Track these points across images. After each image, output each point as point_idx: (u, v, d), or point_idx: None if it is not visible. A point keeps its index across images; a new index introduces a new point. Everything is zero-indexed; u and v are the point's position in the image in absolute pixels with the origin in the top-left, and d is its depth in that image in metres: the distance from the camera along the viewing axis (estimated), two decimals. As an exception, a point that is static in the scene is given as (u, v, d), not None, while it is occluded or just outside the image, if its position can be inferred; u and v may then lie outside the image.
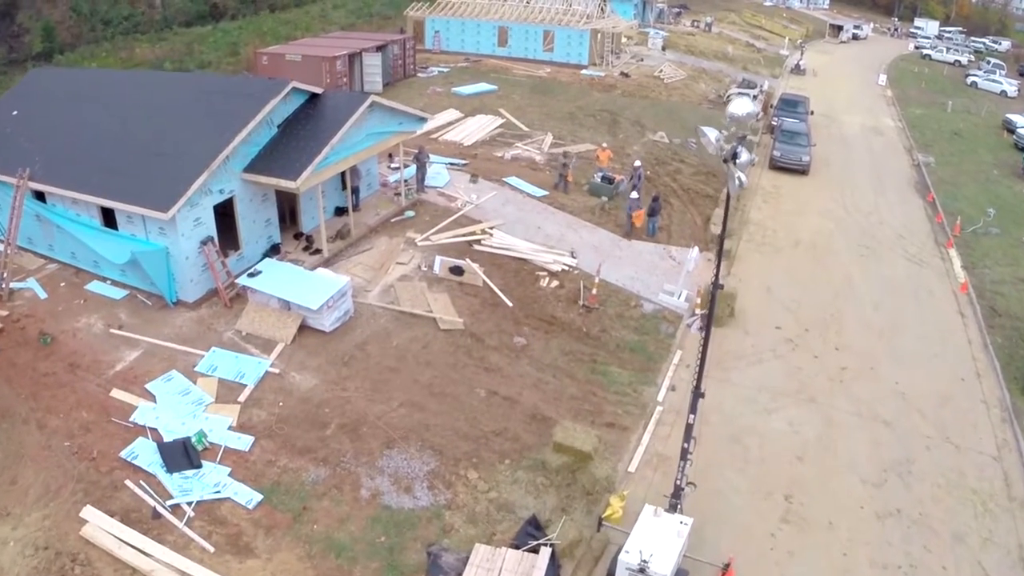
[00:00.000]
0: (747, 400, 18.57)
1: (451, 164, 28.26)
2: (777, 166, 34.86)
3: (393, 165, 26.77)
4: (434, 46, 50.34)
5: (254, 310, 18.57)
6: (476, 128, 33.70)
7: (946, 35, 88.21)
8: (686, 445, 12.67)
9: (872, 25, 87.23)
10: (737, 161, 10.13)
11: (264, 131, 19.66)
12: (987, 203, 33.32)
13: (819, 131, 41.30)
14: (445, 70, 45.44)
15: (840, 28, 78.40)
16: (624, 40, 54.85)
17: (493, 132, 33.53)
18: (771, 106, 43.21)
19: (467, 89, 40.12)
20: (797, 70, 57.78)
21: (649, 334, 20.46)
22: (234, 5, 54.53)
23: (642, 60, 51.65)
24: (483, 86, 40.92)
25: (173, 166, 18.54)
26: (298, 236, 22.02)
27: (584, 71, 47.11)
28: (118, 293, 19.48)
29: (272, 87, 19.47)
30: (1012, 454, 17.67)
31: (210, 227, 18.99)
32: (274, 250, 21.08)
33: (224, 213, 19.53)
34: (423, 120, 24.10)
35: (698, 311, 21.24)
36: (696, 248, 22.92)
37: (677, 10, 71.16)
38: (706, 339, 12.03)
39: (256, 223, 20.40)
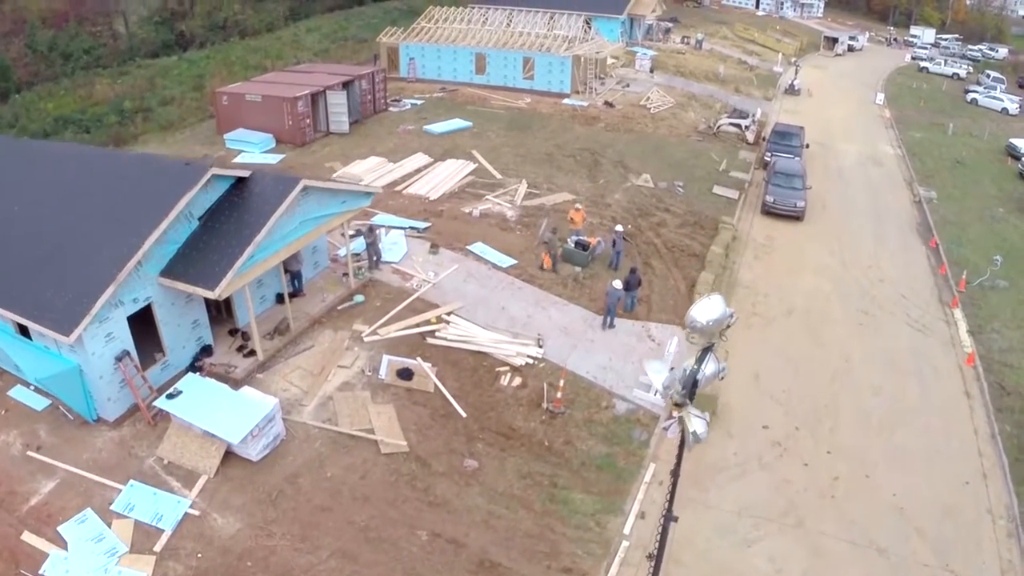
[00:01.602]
0: (725, 529, 16.45)
1: (411, 228, 26.07)
2: (770, 212, 32.65)
3: (350, 232, 24.60)
4: (409, 74, 48.09)
5: (176, 434, 16.58)
6: (445, 177, 31.53)
7: (942, 43, 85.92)
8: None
9: (868, 34, 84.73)
10: (700, 378, 7.84)
11: (183, 226, 17.52)
12: (993, 247, 31.16)
13: (815, 163, 39.15)
14: (419, 102, 43.23)
15: (835, 40, 75.86)
16: (611, 61, 52.54)
17: (463, 181, 31.36)
18: (763, 139, 40.99)
19: (439, 127, 37.95)
20: (791, 90, 55.39)
21: (620, 443, 18.32)
22: (202, 33, 52.45)
23: (628, 85, 49.31)
24: (457, 122, 38.75)
25: (79, 273, 16.49)
26: (233, 332, 19.89)
27: (566, 100, 44.86)
28: (40, 403, 17.87)
29: (189, 175, 17.28)
30: (1017, 582, 15.69)
31: (125, 340, 16.93)
32: (205, 352, 18.98)
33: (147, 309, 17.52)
34: (370, 195, 21.89)
35: (675, 413, 19.06)
36: (676, 338, 20.76)
37: (667, 26, 68.70)
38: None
39: (181, 327, 18.29)
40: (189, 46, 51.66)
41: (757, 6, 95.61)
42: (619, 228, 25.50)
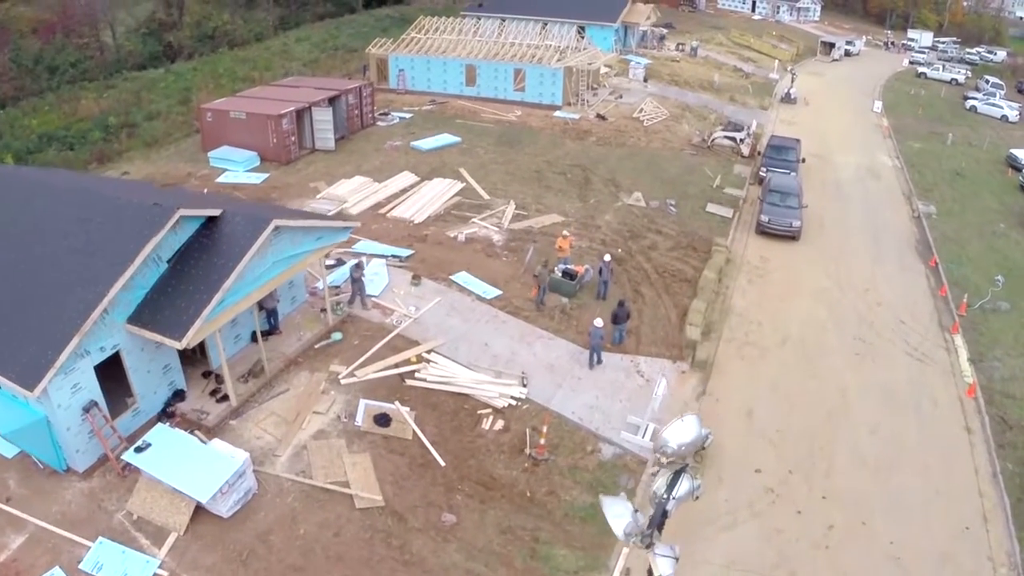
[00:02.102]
0: (715, 586, 15.82)
1: (393, 257, 25.36)
2: (765, 231, 31.92)
3: (329, 262, 23.97)
4: (398, 86, 47.36)
5: (145, 488, 15.96)
6: (431, 198, 30.84)
7: (940, 46, 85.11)
8: None
9: (865, 38, 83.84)
10: (671, 508, 7.17)
11: (151, 270, 16.84)
12: (994, 266, 30.53)
13: (811, 177, 38.43)
14: (407, 116, 42.51)
15: (832, 45, 75.05)
16: (604, 71, 51.78)
17: (449, 203, 30.66)
18: (758, 152, 40.27)
19: (427, 143, 37.23)
20: (788, 99, 54.62)
21: (606, 492, 17.52)
22: (190, 44, 51.71)
23: (621, 96, 48.51)
24: (445, 138, 38.05)
25: (43, 321, 15.77)
26: (207, 374, 19.21)
27: (557, 112, 44.13)
28: (10, 450, 17.24)
29: (157, 217, 16.60)
30: (1021, 638, 15.07)
31: (92, 390, 16.24)
32: (177, 396, 18.32)
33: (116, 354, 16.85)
34: (348, 229, 21.19)
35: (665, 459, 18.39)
36: (664, 380, 20.07)
37: (661, 33, 67.90)
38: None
39: (152, 373, 17.61)
40: (177, 57, 50.94)
41: (753, 10, 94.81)
42: (607, 257, 24.75)
